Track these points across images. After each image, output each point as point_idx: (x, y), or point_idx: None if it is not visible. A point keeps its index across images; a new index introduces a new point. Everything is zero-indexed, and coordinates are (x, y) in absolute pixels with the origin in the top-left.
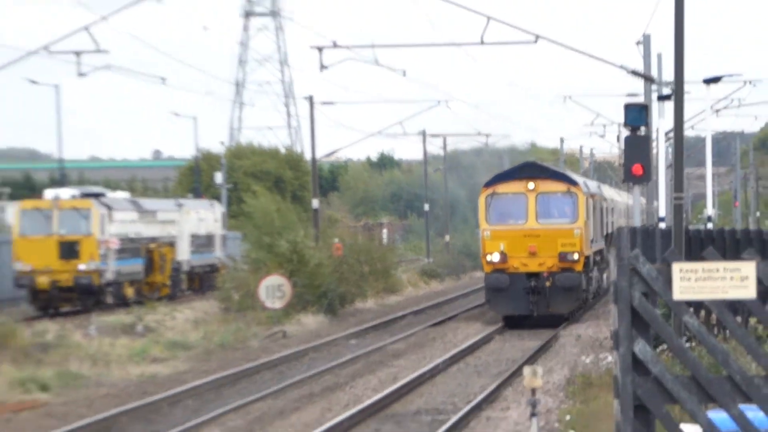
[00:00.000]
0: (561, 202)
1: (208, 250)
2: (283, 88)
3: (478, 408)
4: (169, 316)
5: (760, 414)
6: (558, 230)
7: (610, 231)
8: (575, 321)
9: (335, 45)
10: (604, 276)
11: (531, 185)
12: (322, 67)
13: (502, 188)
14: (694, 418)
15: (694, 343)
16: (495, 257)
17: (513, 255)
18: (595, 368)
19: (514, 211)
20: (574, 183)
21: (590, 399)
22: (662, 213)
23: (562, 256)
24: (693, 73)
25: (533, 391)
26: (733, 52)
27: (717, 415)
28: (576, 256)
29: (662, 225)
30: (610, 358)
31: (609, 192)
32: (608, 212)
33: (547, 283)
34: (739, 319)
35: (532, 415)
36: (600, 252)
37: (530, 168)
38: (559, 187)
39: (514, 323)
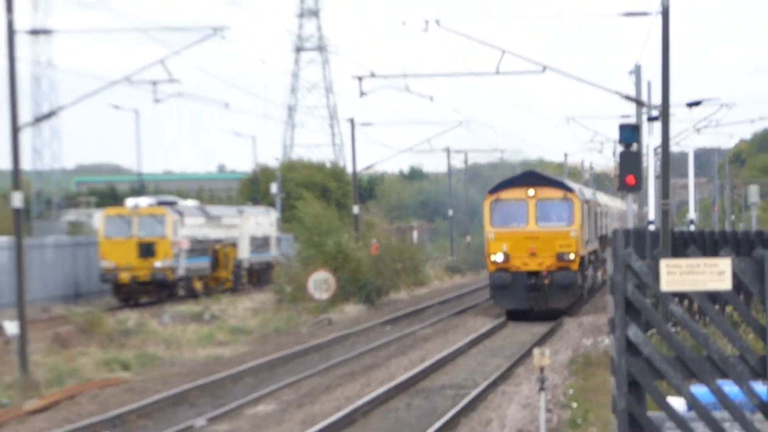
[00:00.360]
0: (558, 207)
1: (265, 249)
2: (329, 111)
3: (494, 384)
4: (231, 306)
5: (735, 388)
6: (556, 233)
7: (604, 233)
8: (573, 314)
9: (372, 75)
10: (599, 273)
11: (531, 192)
12: (362, 93)
13: (505, 195)
14: (678, 392)
15: (679, 328)
16: (499, 257)
17: (515, 255)
18: (594, 350)
19: (516, 215)
20: (570, 190)
21: (590, 376)
22: (651, 217)
23: (560, 256)
24: (677, 98)
25: (542, 369)
26: (712, 79)
27: (698, 390)
28: (572, 256)
29: (652, 227)
30: (607, 341)
31: (603, 198)
32: (602, 216)
33: (546, 281)
34: (717, 307)
35: (541, 389)
36: (594, 252)
37: (530, 176)
38: (557, 193)
39: (515, 317)
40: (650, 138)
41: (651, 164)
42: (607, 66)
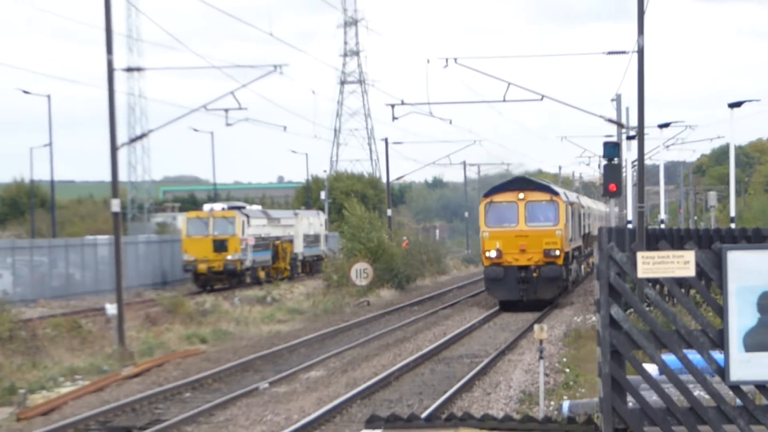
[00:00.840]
0: (545, 209)
1: (315, 245)
2: (367, 132)
3: (502, 353)
4: (288, 291)
5: (698, 356)
6: (543, 231)
7: (587, 231)
8: (561, 302)
9: (402, 102)
10: (582, 267)
11: (521, 195)
12: (394, 118)
13: (498, 198)
14: (652, 360)
15: (652, 308)
16: (492, 254)
17: (507, 252)
18: (583, 325)
19: (508, 216)
20: (555, 193)
21: (580, 347)
22: (630, 217)
23: (546, 252)
24: (651, 120)
25: (541, 341)
26: (680, 104)
27: (668, 357)
28: (557, 252)
29: (630, 226)
30: (594, 318)
31: (587, 202)
32: (586, 217)
33: (535, 274)
34: (683, 290)
35: (540, 358)
36: (578, 248)
37: (520, 182)
38: (544, 196)
39: (507, 307)
40: (628, 153)
41: (629, 175)
42: (595, 94)
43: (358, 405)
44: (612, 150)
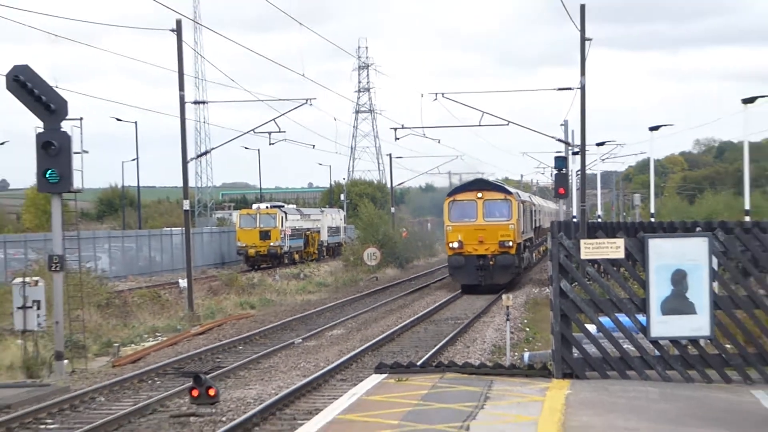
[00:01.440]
0: (500, 206)
1: (337, 234)
2: (375, 150)
3: (478, 317)
4: (316, 269)
5: (626, 318)
6: (498, 225)
7: (538, 225)
8: (522, 280)
9: (402, 126)
10: (533, 255)
11: (479, 195)
12: (396, 138)
13: (460, 197)
14: (592, 321)
15: (591, 282)
16: (455, 244)
17: (467, 243)
18: (539, 296)
19: (468, 212)
20: (509, 193)
21: (537, 312)
22: (574, 213)
23: (501, 243)
24: (591, 139)
25: (507, 307)
26: (612, 127)
27: (604, 319)
28: (511, 244)
29: (574, 220)
30: (547, 290)
31: (539, 201)
32: (537, 213)
33: (491, 262)
34: (615, 268)
35: (507, 320)
36: (530, 239)
37: (479, 183)
38: (499, 196)
39: (468, 290)
40: (573, 165)
41: (574, 181)
42: (548, 120)
43: (369, 355)
44: (561, 162)
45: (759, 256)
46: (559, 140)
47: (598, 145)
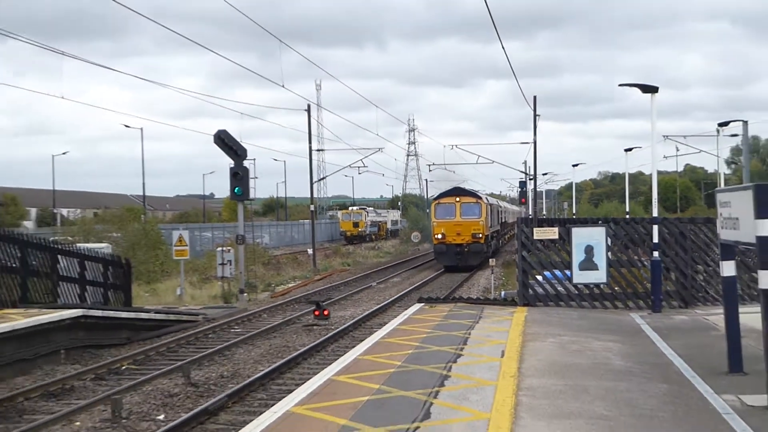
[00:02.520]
0: (473, 208)
1: (396, 225)
2: (418, 177)
3: (475, 272)
4: (384, 245)
5: (559, 272)
6: (471, 222)
7: (504, 221)
8: (498, 255)
9: (434, 164)
10: (500, 242)
11: (457, 199)
12: (429, 170)
13: (443, 201)
14: (540, 273)
15: (539, 252)
16: (439, 236)
17: (448, 235)
18: (511, 260)
19: (449, 212)
20: (479, 198)
21: (510, 270)
22: (530, 213)
23: (473, 235)
24: (541, 169)
25: (492, 266)
26: (553, 164)
27: (547, 273)
28: (480, 235)
29: (530, 217)
30: (515, 257)
31: (506, 204)
32: (503, 212)
33: (466, 249)
34: (554, 244)
35: (492, 273)
36: (497, 231)
37: (457, 190)
38: (472, 200)
39: (449, 270)
40: (531, 186)
41: (529, 194)
42: (518, 159)
43: (414, 293)
44: (522, 184)
45: (633, 237)
46: (522, 172)
47: (543, 174)
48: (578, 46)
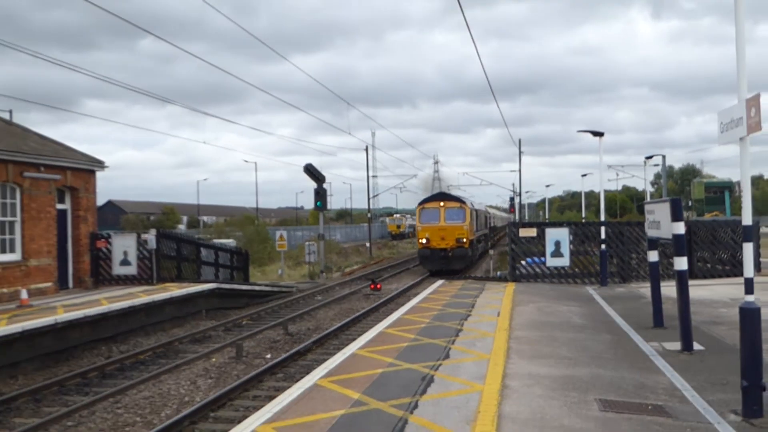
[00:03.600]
0: (457, 212)
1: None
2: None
3: (482, 256)
4: (409, 241)
5: (537, 258)
6: (455, 227)
7: (492, 225)
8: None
9: (450, 185)
10: (488, 244)
11: (441, 204)
12: (449, 189)
13: (428, 205)
14: (524, 259)
15: (523, 244)
16: (424, 240)
17: (432, 239)
18: (504, 250)
19: (433, 216)
20: (463, 202)
21: (503, 257)
22: (518, 218)
23: (458, 240)
24: (526, 188)
25: (491, 256)
26: (530, 184)
27: (529, 259)
28: (464, 240)
29: (518, 220)
30: (507, 249)
31: (494, 210)
32: (491, 218)
33: (450, 254)
34: (533, 239)
35: (491, 260)
36: (484, 235)
37: (441, 195)
38: (456, 204)
39: (433, 274)
40: (518, 201)
41: (518, 206)
42: (508, 182)
43: (439, 272)
44: (511, 199)
45: (587, 235)
46: (511, 190)
47: (525, 192)
48: (547, 104)
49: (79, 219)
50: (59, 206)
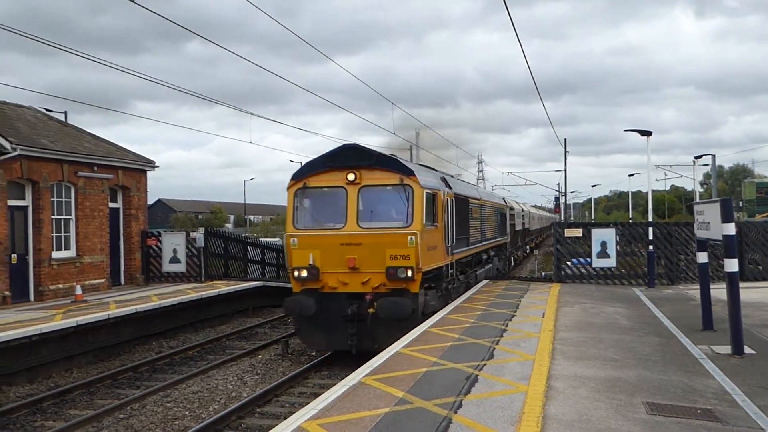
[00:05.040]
0: (394, 197)
1: None
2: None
3: (525, 259)
4: None
5: (583, 259)
6: (387, 236)
7: (520, 226)
8: (536, 251)
9: (495, 185)
10: (522, 254)
11: (352, 176)
12: (492, 189)
13: (317, 180)
14: (569, 260)
15: (568, 245)
16: (304, 273)
17: (325, 266)
18: (548, 251)
19: (331, 209)
20: (411, 173)
21: (546, 257)
22: (563, 219)
23: (392, 274)
24: (569, 189)
25: (536, 256)
26: (577, 185)
27: (575, 259)
28: (414, 267)
29: (562, 221)
30: (551, 249)
31: (523, 207)
32: (517, 216)
33: (370, 309)
34: (579, 239)
35: (535, 260)
36: (496, 247)
37: (354, 152)
38: (391, 177)
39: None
40: (563, 200)
41: (562, 206)
42: (548, 180)
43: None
44: (556, 199)
45: (634, 235)
46: (556, 190)
47: (571, 192)
48: (589, 104)
49: (130, 217)
50: (111, 205)
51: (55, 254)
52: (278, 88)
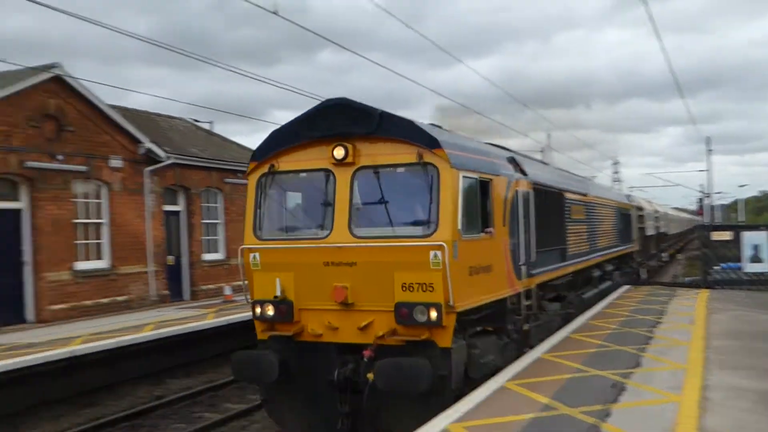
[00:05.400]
0: (416, 182)
1: None
2: None
3: (668, 263)
4: None
5: (732, 264)
6: (404, 251)
7: (662, 231)
8: (678, 256)
9: (633, 187)
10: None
11: (343, 151)
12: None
13: (288, 161)
14: (717, 264)
15: (716, 248)
16: (269, 311)
17: (303, 299)
18: (693, 255)
19: (310, 204)
20: (435, 139)
21: (691, 263)
22: (706, 221)
23: (413, 314)
24: (716, 188)
25: (678, 261)
26: (719, 183)
27: (723, 264)
28: (442, 308)
29: (705, 223)
30: (697, 253)
31: (656, 207)
32: (646, 217)
33: (371, 372)
34: (726, 243)
35: (678, 265)
36: (628, 256)
37: (339, 107)
38: (407, 153)
39: None
40: (707, 200)
41: (708, 208)
42: (689, 180)
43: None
44: (701, 200)
45: None
46: (700, 191)
47: (716, 193)
48: (731, 99)
49: None
50: None
51: (206, 256)
52: (408, 93)
